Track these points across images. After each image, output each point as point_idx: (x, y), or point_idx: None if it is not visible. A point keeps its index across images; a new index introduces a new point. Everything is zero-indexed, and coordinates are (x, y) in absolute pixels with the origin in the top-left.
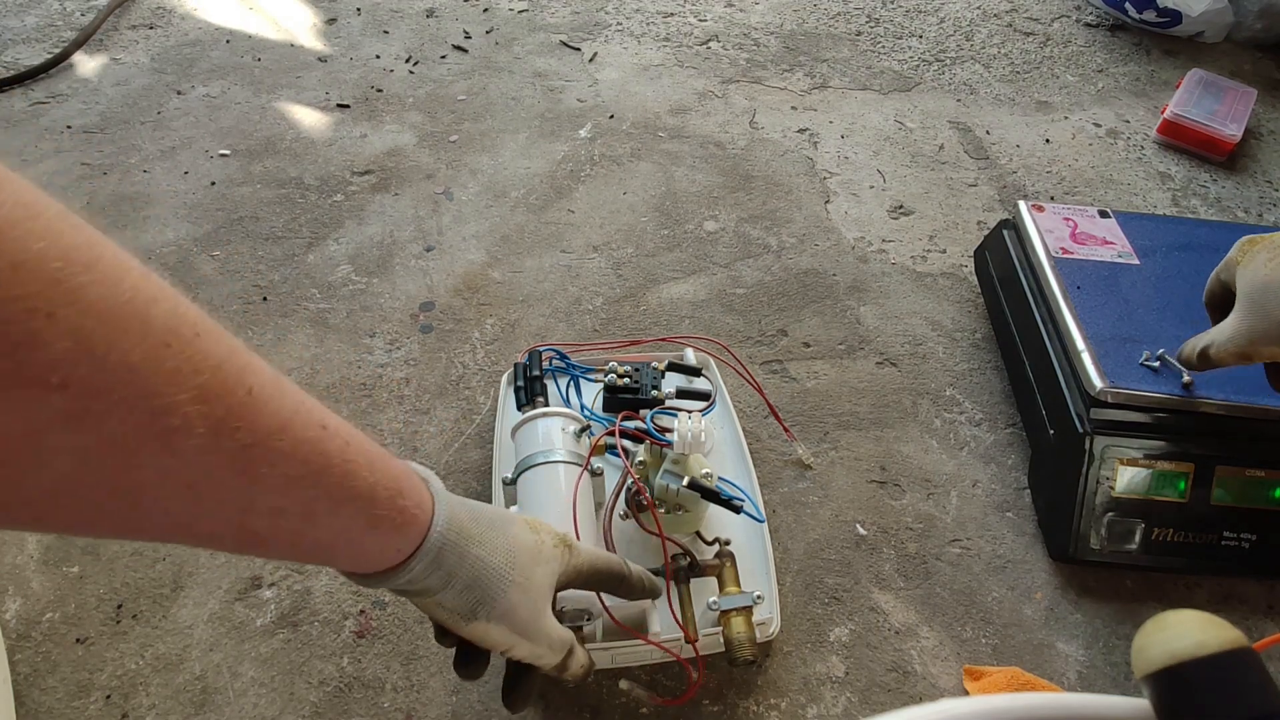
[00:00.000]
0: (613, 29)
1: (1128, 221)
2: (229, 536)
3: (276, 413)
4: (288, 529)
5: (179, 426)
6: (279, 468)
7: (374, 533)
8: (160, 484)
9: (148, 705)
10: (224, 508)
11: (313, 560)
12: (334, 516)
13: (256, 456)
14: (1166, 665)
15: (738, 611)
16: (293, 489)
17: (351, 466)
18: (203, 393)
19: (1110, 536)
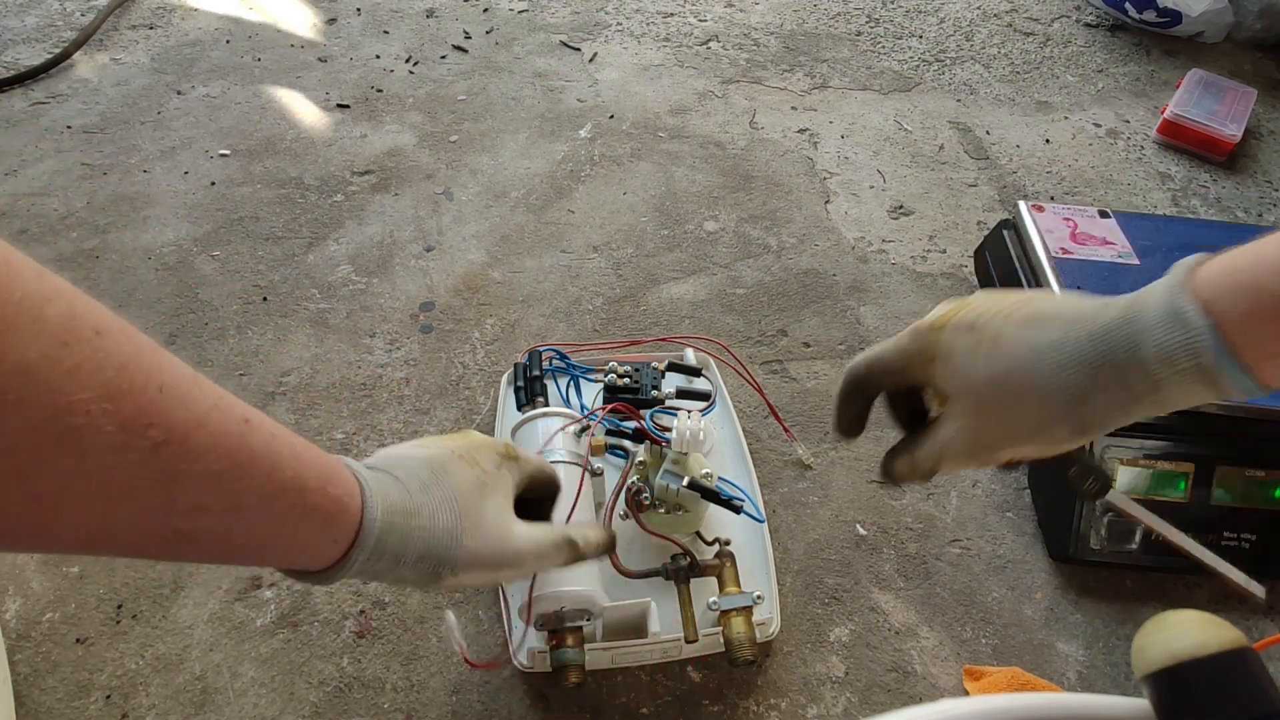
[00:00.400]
0: (613, 29)
1: (1128, 221)
2: (154, 540)
3: (193, 408)
4: (215, 527)
5: (84, 425)
6: (199, 463)
7: (307, 524)
8: (71, 487)
9: (148, 705)
10: (144, 510)
11: (247, 560)
12: (264, 510)
13: (173, 453)
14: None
15: (737, 612)
16: (216, 484)
17: (277, 459)
18: (108, 390)
19: (1110, 536)
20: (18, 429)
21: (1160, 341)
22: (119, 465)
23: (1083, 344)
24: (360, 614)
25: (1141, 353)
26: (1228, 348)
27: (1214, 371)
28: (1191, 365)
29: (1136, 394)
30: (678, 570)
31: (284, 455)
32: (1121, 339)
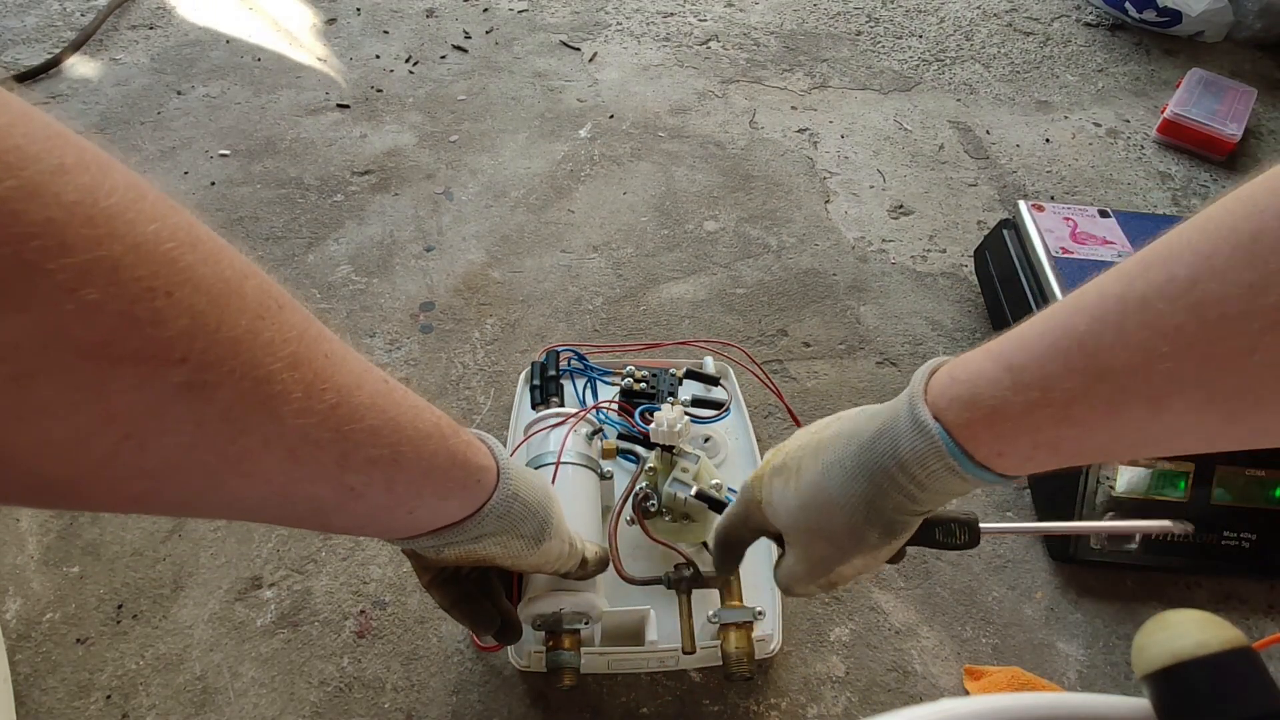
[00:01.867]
0: (613, 29)
1: (1128, 221)
2: (329, 496)
3: (351, 371)
4: (379, 479)
5: (279, 392)
6: (364, 420)
7: (453, 467)
8: (264, 450)
9: (148, 705)
10: (323, 467)
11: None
12: (417, 456)
13: (343, 413)
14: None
15: (737, 626)
16: (377, 437)
17: (417, 410)
18: (294, 360)
19: (1110, 536)
20: (229, 397)
21: (912, 447)
22: (304, 427)
23: (858, 457)
24: (360, 614)
25: (901, 457)
26: (962, 450)
27: (960, 470)
28: (941, 466)
29: (910, 493)
30: (680, 580)
31: (421, 407)
32: (885, 448)
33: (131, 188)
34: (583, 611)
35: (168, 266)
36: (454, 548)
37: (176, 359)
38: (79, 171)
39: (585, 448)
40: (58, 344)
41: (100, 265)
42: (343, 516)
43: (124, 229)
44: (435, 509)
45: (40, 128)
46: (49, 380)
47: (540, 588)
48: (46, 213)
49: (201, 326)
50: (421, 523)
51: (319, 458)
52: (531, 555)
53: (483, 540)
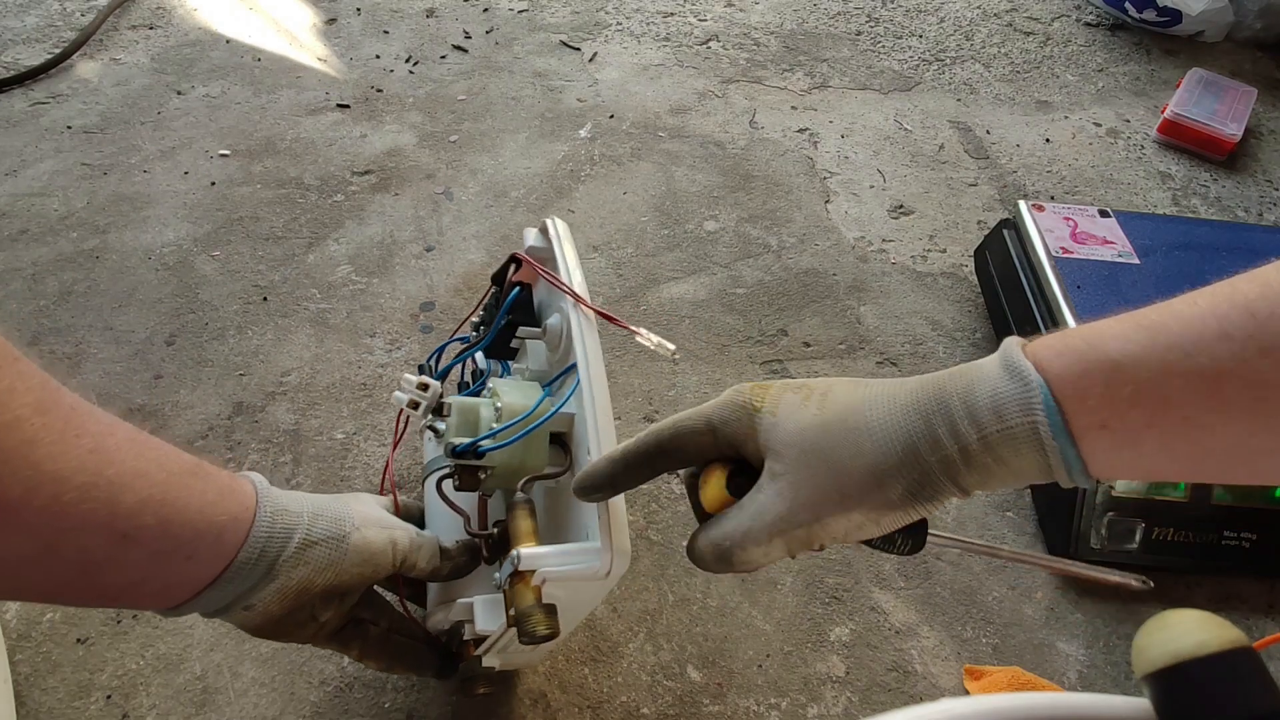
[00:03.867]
0: (613, 29)
1: (1128, 221)
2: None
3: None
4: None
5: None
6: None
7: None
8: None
9: (148, 705)
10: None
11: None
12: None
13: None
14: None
15: (515, 577)
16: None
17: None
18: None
19: (1110, 536)
20: None
21: (993, 390)
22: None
23: (916, 392)
24: None
25: (974, 400)
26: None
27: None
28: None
29: (969, 451)
30: (490, 548)
31: (177, 450)
32: (956, 387)
33: None
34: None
35: None
36: (260, 595)
37: None
38: None
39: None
40: None
41: None
42: (116, 572)
43: None
44: (215, 548)
45: None
46: None
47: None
48: None
49: None
50: (201, 570)
51: (84, 503)
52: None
53: (282, 571)
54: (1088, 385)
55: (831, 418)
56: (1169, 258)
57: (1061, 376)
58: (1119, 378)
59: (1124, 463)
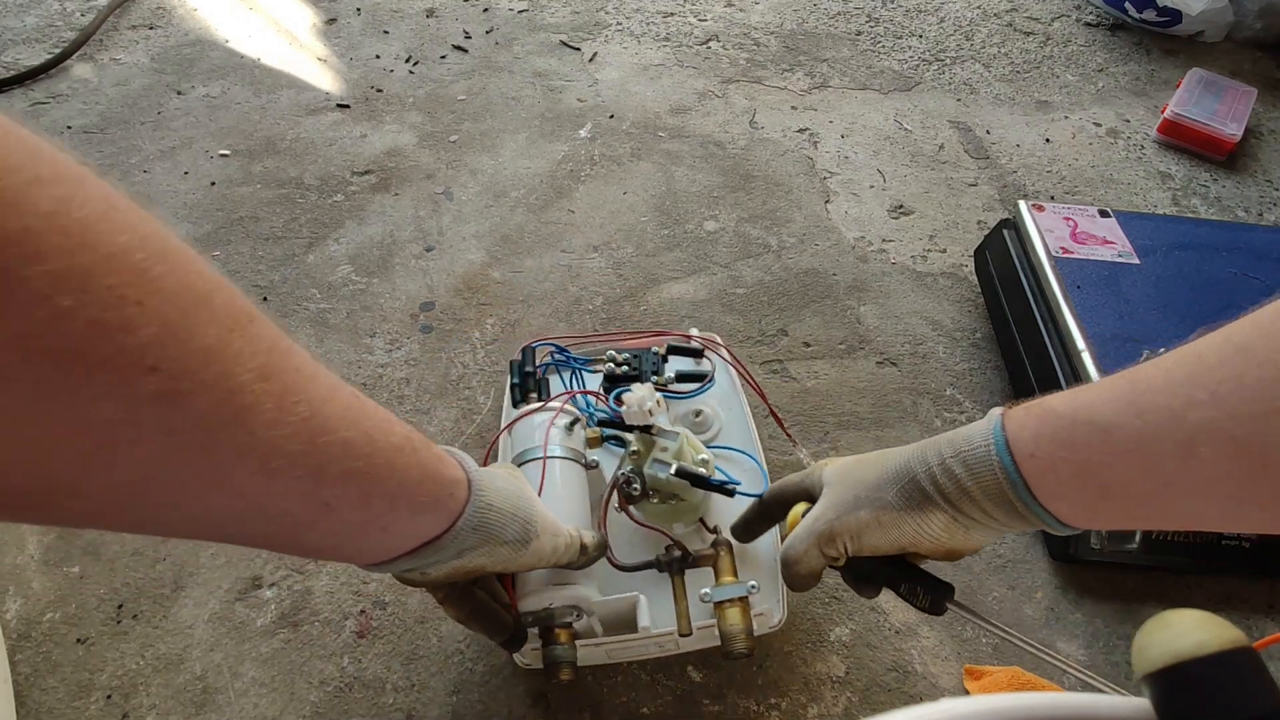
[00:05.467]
0: (613, 29)
1: (1128, 221)
2: (303, 511)
3: (323, 385)
4: (356, 492)
5: (250, 404)
6: (338, 433)
7: (425, 481)
8: (238, 462)
9: (148, 705)
10: (298, 480)
11: (375, 537)
12: (390, 470)
13: (316, 426)
14: (1167, 665)
15: (732, 603)
16: (351, 450)
17: (388, 423)
18: (264, 371)
19: (1110, 536)
20: (201, 407)
21: (970, 430)
22: (277, 439)
23: (922, 442)
24: (360, 614)
25: (956, 436)
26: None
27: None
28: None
29: (949, 469)
30: (671, 562)
31: (392, 422)
32: (951, 432)
33: (104, 200)
34: (574, 604)
35: (138, 276)
36: (439, 567)
37: (148, 367)
38: (54, 183)
39: (567, 439)
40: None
41: (73, 273)
42: (316, 534)
43: (96, 239)
44: (409, 525)
45: (17, 141)
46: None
47: (531, 584)
48: (23, 222)
49: (172, 335)
50: (396, 541)
51: (293, 471)
52: (521, 558)
53: (466, 555)
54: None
55: (865, 457)
56: (1169, 258)
57: (1013, 416)
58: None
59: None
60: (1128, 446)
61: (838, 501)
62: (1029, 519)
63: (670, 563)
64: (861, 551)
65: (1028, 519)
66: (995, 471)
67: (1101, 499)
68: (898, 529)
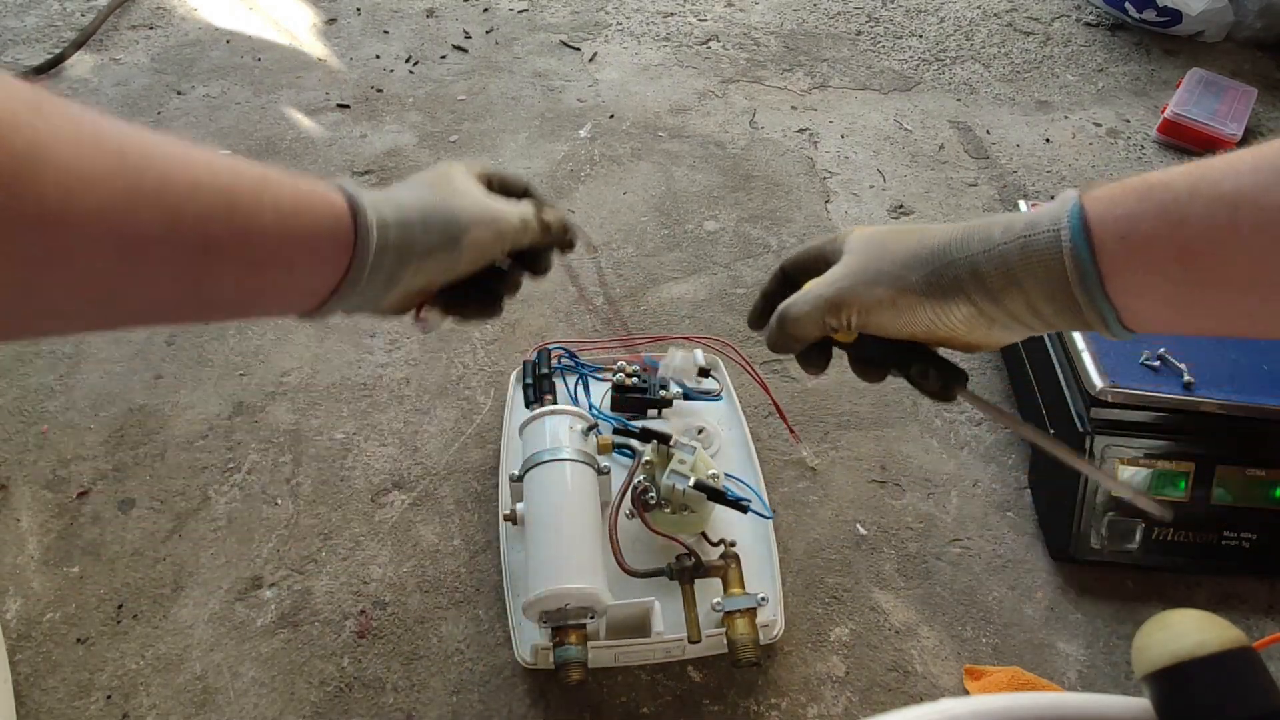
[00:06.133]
0: (613, 29)
1: None
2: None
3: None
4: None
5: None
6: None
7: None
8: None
9: (148, 705)
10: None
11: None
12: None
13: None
14: (1168, 665)
15: (741, 613)
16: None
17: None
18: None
19: (1110, 536)
20: None
21: (1036, 211)
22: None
23: (969, 223)
24: (360, 614)
25: (1016, 218)
26: (1081, 214)
27: (1065, 235)
28: (1050, 228)
29: (994, 246)
30: (682, 570)
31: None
32: (1002, 220)
33: None
34: (587, 605)
35: None
36: (379, 300)
37: None
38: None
39: (582, 444)
40: None
41: None
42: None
43: None
44: (303, 281)
45: None
46: None
47: (543, 585)
48: None
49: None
50: (300, 298)
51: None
52: (462, 259)
53: (396, 281)
54: (1120, 198)
55: (900, 230)
56: None
57: (1097, 198)
58: (1150, 195)
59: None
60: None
61: (855, 270)
62: (1082, 318)
63: (682, 571)
64: (867, 329)
65: (1081, 318)
66: (1063, 260)
67: (1197, 290)
68: (913, 314)
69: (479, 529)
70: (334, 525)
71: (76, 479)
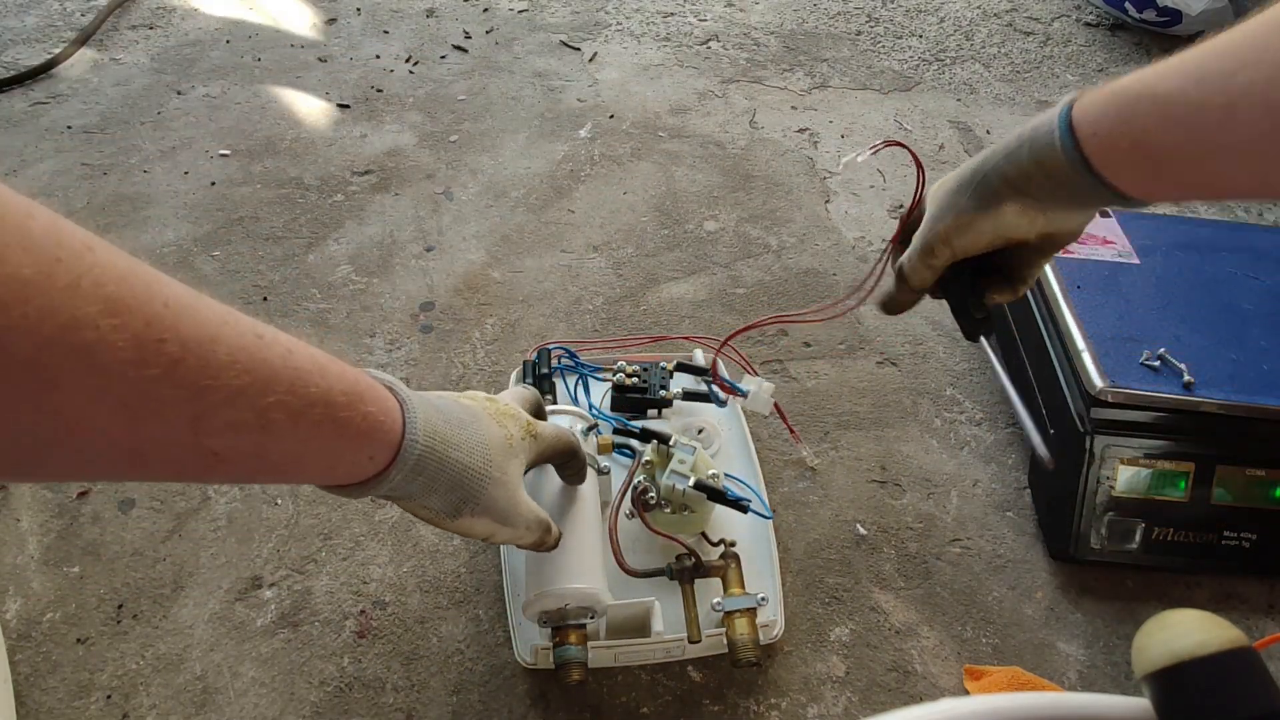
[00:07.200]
0: (613, 29)
1: (1128, 221)
2: (190, 459)
3: (203, 323)
4: (246, 445)
5: (95, 340)
6: (221, 379)
7: (341, 441)
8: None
9: (148, 705)
10: (173, 428)
11: (285, 478)
12: (292, 427)
13: (191, 369)
14: (1167, 664)
15: (741, 613)
16: (239, 400)
17: (300, 374)
18: (112, 305)
19: (1111, 536)
20: (29, 346)
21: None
22: (140, 381)
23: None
24: (360, 614)
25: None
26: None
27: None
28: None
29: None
30: (682, 570)
31: (306, 370)
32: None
33: None
34: (588, 605)
35: None
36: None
37: None
38: None
39: (581, 444)
40: None
41: None
42: (221, 479)
43: None
44: (324, 479)
45: None
46: None
47: (543, 585)
48: None
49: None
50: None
51: (165, 417)
52: (451, 525)
53: (399, 500)
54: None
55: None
56: (1169, 258)
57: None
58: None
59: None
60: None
61: (931, 216)
62: (1094, 195)
63: (682, 571)
64: (958, 254)
65: (1093, 195)
66: (1058, 152)
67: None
68: (979, 228)
69: None
70: (334, 525)
71: None
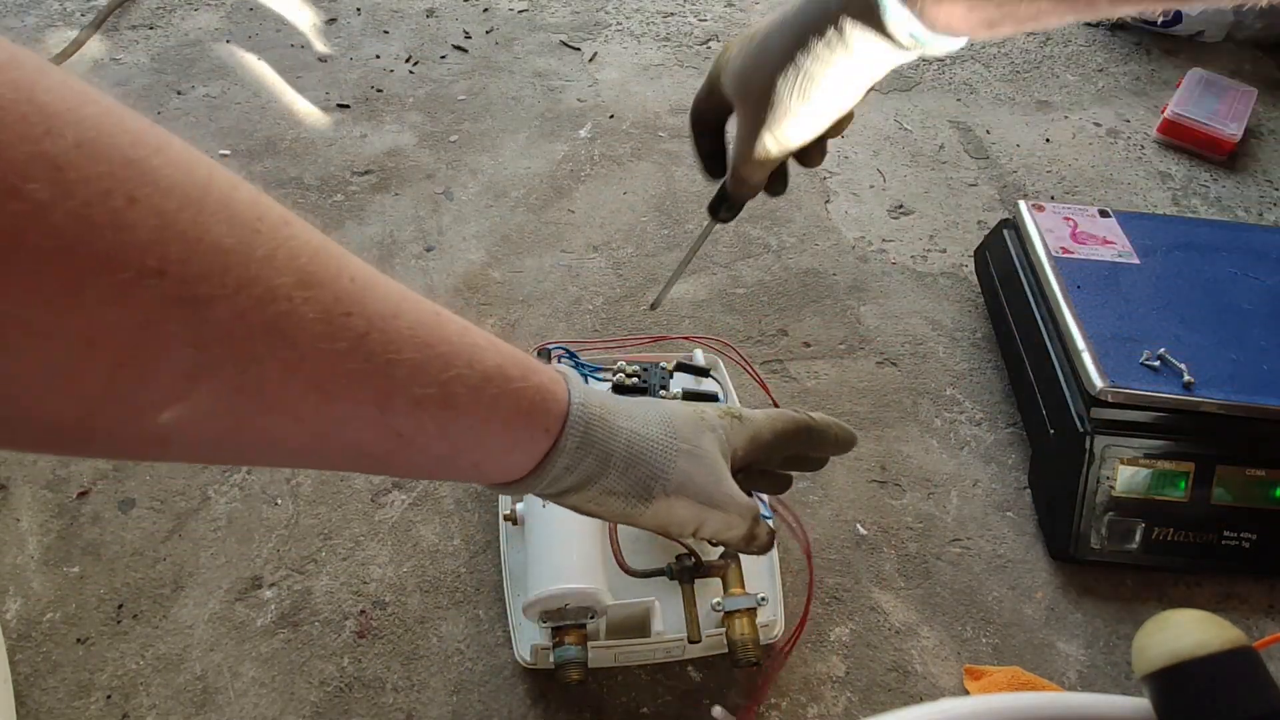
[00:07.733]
0: (613, 29)
1: (1128, 221)
2: (373, 443)
3: (385, 298)
4: (430, 425)
5: (287, 312)
6: (404, 353)
7: (516, 415)
8: (286, 379)
9: (148, 705)
10: (361, 406)
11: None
12: (474, 402)
13: (376, 344)
14: (1167, 664)
15: (741, 613)
16: (424, 375)
17: (476, 349)
18: (304, 278)
19: (1111, 536)
20: (226, 316)
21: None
22: (329, 356)
23: (801, 6)
24: (361, 614)
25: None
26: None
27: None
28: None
29: (830, 39)
30: (682, 570)
31: (482, 345)
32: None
33: (73, 89)
34: (587, 605)
35: (126, 168)
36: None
37: (152, 269)
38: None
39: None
40: (16, 249)
41: (39, 162)
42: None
43: (64, 127)
44: (501, 463)
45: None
46: (16, 291)
47: (543, 585)
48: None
49: (176, 233)
50: (491, 476)
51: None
52: (643, 516)
53: (568, 495)
54: None
55: (747, 54)
56: (1169, 258)
57: None
58: None
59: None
60: None
61: (751, 121)
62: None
63: (682, 571)
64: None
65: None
66: (871, 26)
67: None
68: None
69: (479, 529)
70: (334, 525)
71: (76, 479)
